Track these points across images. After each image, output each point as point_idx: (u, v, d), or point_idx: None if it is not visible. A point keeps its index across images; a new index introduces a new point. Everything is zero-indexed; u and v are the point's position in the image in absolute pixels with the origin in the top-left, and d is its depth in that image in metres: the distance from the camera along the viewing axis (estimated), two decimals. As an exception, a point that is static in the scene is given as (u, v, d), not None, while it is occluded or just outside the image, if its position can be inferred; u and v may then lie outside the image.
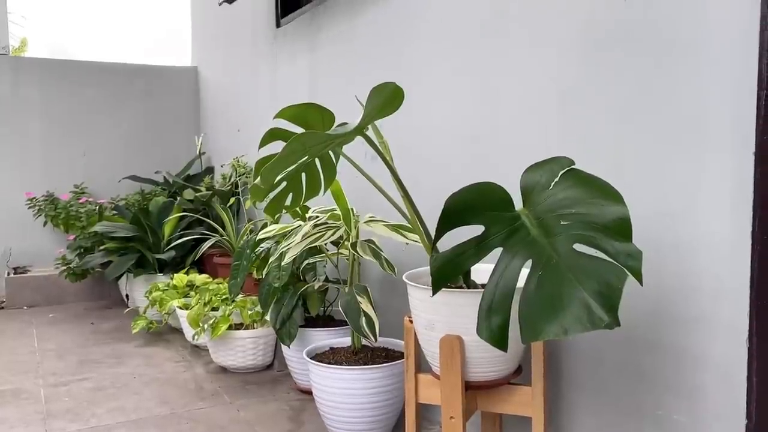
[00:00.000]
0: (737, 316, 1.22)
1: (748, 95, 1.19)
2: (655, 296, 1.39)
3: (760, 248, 1.17)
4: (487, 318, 1.17)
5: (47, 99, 4.51)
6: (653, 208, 1.39)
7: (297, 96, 3.09)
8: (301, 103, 1.51)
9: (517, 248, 1.19)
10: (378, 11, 2.41)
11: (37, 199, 4.37)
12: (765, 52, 1.16)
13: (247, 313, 2.68)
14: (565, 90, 1.61)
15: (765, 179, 1.16)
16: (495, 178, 1.39)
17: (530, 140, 1.72)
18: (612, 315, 1.00)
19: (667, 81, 1.35)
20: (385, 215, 2.16)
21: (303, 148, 1.31)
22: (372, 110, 1.34)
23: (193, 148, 4.69)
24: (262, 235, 2.42)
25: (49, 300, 4.20)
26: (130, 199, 4.40)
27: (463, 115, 1.98)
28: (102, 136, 4.66)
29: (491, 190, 1.29)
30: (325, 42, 2.84)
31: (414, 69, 2.21)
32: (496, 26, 1.82)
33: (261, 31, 3.57)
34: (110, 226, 3.79)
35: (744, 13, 1.20)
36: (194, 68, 5.00)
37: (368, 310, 1.95)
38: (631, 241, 1.09)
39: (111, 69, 4.71)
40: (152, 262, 3.70)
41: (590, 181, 1.20)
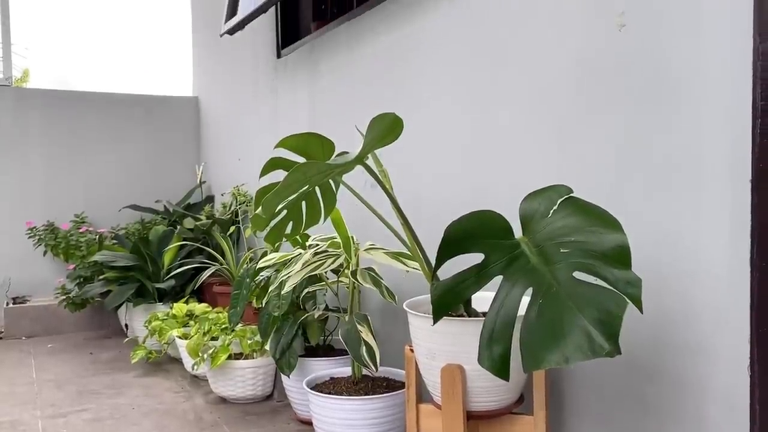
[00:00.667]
0: (738, 344, 1.22)
1: (744, 123, 1.21)
2: (656, 324, 1.39)
3: (759, 275, 1.18)
4: (488, 347, 1.17)
5: (49, 129, 4.55)
6: (652, 235, 1.39)
7: (297, 125, 3.11)
8: (302, 133, 1.52)
9: (518, 276, 1.19)
10: (376, 44, 2.45)
11: (37, 229, 4.37)
12: (758, 81, 1.18)
13: (247, 342, 2.67)
14: (562, 119, 1.62)
15: (762, 206, 1.17)
16: (494, 205, 1.40)
17: (528, 168, 1.73)
18: (613, 343, 0.99)
19: (664, 109, 1.37)
20: (385, 243, 2.16)
21: (304, 177, 1.32)
22: (372, 140, 1.35)
23: (194, 177, 4.71)
24: (261, 264, 2.42)
25: (48, 330, 4.18)
26: (130, 228, 4.41)
27: (462, 144, 2.00)
28: (103, 165, 4.68)
29: (491, 218, 1.29)
30: (325, 72, 2.87)
31: (413, 99, 2.23)
32: (494, 57, 1.85)
33: (262, 61, 3.61)
34: (110, 256, 3.79)
35: (737, 42, 1.22)
36: (195, 98, 5.05)
37: (369, 339, 1.94)
38: (630, 269, 1.09)
39: (112, 99, 4.76)
40: (152, 291, 3.69)
41: (589, 209, 1.20)
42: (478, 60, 1.92)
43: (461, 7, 1.98)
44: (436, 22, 2.10)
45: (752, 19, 1.19)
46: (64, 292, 3.96)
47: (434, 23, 2.11)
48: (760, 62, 1.17)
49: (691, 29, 1.31)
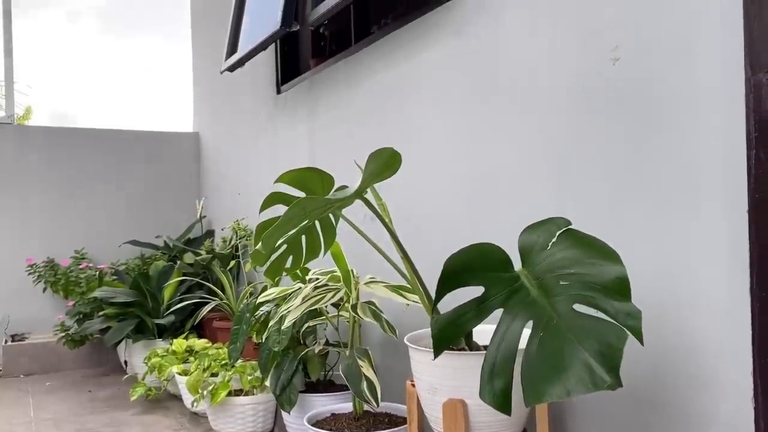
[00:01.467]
0: (741, 375, 1.21)
1: (738, 154, 1.22)
2: (658, 355, 1.38)
3: (760, 305, 1.17)
4: (489, 381, 1.16)
5: (50, 165, 4.58)
6: (651, 267, 1.39)
7: (297, 160, 3.14)
8: (301, 168, 1.54)
9: (518, 309, 1.19)
10: (374, 80, 2.48)
11: (37, 265, 4.37)
12: (751, 112, 1.19)
13: (247, 378, 2.64)
14: (558, 151, 1.64)
15: (760, 236, 1.18)
16: (493, 238, 1.40)
17: (526, 200, 1.74)
18: (614, 375, 0.99)
19: (659, 141, 1.38)
20: (385, 276, 2.16)
21: (303, 212, 1.33)
22: (370, 174, 1.37)
23: (194, 212, 4.72)
24: (261, 299, 2.41)
25: (47, 368, 4.15)
26: (130, 264, 4.40)
27: (460, 177, 2.01)
28: (103, 201, 4.70)
29: (490, 250, 1.30)
30: (324, 107, 2.91)
31: (411, 133, 2.26)
32: (490, 90, 1.87)
33: (262, 97, 3.66)
34: (110, 292, 3.78)
35: (730, 75, 1.24)
36: (195, 134, 5.09)
37: (369, 375, 1.93)
38: (630, 301, 1.09)
39: (113, 135, 4.80)
40: (151, 327, 3.67)
41: (587, 241, 1.21)
42: (475, 94, 1.94)
43: (458, 44, 2.01)
44: (433, 58, 2.13)
45: (743, 52, 1.21)
46: (63, 329, 3.94)
47: (431, 60, 2.14)
48: (753, 94, 1.19)
49: (684, 62, 1.33)
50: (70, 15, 28.92)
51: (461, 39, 2.00)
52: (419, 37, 2.21)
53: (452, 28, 2.04)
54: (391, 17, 2.70)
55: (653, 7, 1.39)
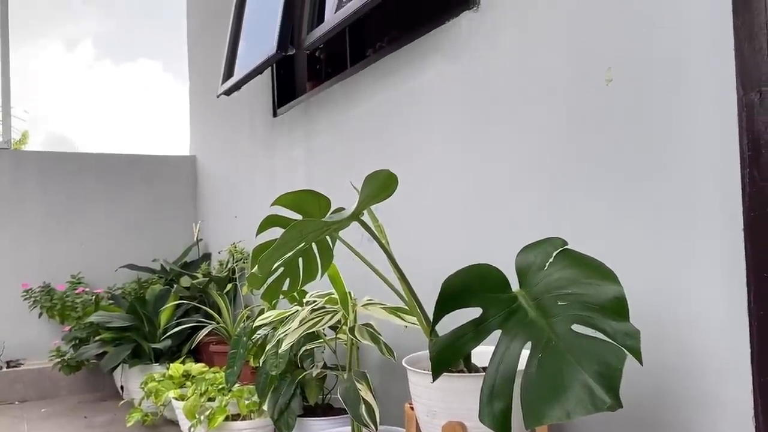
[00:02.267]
0: (741, 394, 1.21)
1: (733, 173, 1.22)
2: (657, 375, 1.37)
3: (758, 324, 1.17)
4: (489, 403, 1.15)
5: (46, 190, 4.57)
6: (649, 286, 1.39)
7: (294, 182, 3.14)
8: (298, 190, 1.54)
9: (516, 330, 1.19)
10: (370, 101, 2.50)
11: (33, 290, 4.34)
12: (744, 131, 1.20)
13: (244, 403, 2.62)
14: (554, 171, 1.64)
15: (756, 254, 1.18)
16: (490, 257, 1.40)
17: (523, 220, 1.75)
18: (613, 396, 0.98)
19: (653, 160, 1.39)
20: (383, 297, 2.15)
21: (300, 235, 1.33)
22: (367, 197, 1.37)
23: (191, 235, 4.71)
24: (258, 322, 2.40)
25: (42, 394, 4.10)
26: (126, 288, 4.38)
27: (457, 197, 2.01)
28: (100, 225, 4.69)
29: (487, 271, 1.29)
30: (320, 130, 2.92)
31: (408, 155, 2.26)
32: (486, 112, 1.89)
33: (258, 120, 3.67)
34: (106, 316, 3.75)
35: (723, 95, 1.25)
36: (192, 157, 5.10)
37: (368, 398, 1.91)
38: (628, 321, 1.09)
39: (109, 159, 4.80)
40: (148, 351, 3.65)
41: (584, 261, 1.21)
42: (470, 115, 1.95)
43: (453, 66, 2.03)
44: (429, 80, 2.15)
45: (735, 72, 1.22)
46: (58, 355, 3.90)
47: (427, 81, 2.16)
48: (745, 113, 1.20)
49: (677, 82, 1.34)
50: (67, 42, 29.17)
51: (456, 61, 2.01)
52: (414, 60, 2.23)
53: (447, 51, 2.06)
54: (387, 40, 2.73)
55: (646, 28, 1.41)
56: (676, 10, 1.34)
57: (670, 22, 1.35)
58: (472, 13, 1.94)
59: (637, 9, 1.43)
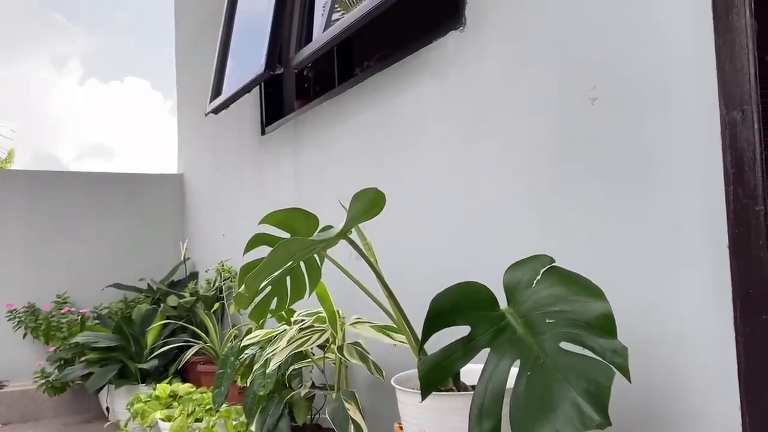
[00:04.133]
0: (729, 411, 1.21)
1: (717, 190, 1.24)
2: (646, 392, 1.37)
3: (745, 340, 1.18)
4: (478, 422, 1.14)
5: (32, 209, 4.53)
6: (635, 303, 1.40)
7: (282, 200, 3.14)
8: (286, 209, 1.54)
9: (505, 348, 1.19)
10: (358, 119, 2.51)
11: (17, 311, 4.28)
12: (727, 149, 1.22)
13: (232, 423, 2.59)
14: (541, 188, 1.65)
15: (742, 271, 1.19)
16: (478, 275, 1.40)
17: (511, 238, 1.75)
18: (602, 414, 0.98)
19: (639, 177, 1.40)
20: (371, 316, 2.14)
21: (288, 253, 1.32)
22: (354, 215, 1.37)
23: (178, 254, 4.68)
24: (246, 341, 2.38)
25: (26, 416, 4.03)
26: (113, 308, 4.34)
27: (444, 213, 2.02)
28: (86, 244, 4.65)
29: (475, 289, 1.29)
30: (308, 147, 2.92)
31: (396, 172, 2.27)
32: (473, 129, 1.90)
33: (246, 138, 3.67)
34: (92, 336, 3.71)
35: (706, 113, 1.26)
36: (180, 175, 5.08)
37: (357, 417, 1.90)
38: (615, 338, 1.09)
39: (96, 178, 4.78)
40: (134, 372, 3.60)
41: (571, 279, 1.21)
42: (458, 133, 1.97)
43: (440, 83, 2.04)
44: (416, 99, 2.16)
45: (717, 91, 1.24)
46: (43, 376, 3.85)
47: (414, 98, 2.17)
48: (728, 131, 1.22)
49: (661, 101, 1.36)
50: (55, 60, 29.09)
51: (443, 80, 2.03)
52: (402, 78, 2.24)
53: (434, 70, 2.07)
54: (375, 59, 2.75)
55: (629, 47, 1.43)
56: (659, 30, 1.36)
57: (654, 42, 1.37)
58: (458, 32, 1.96)
59: (620, 29, 1.45)
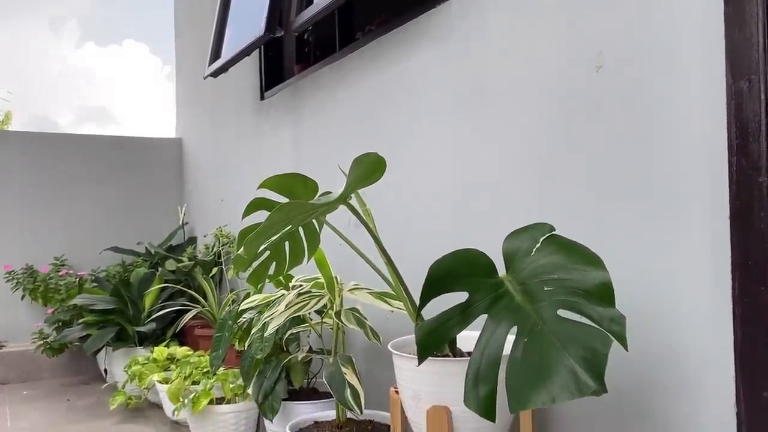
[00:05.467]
0: (724, 381, 1.22)
1: (720, 161, 1.23)
2: (642, 362, 1.38)
3: (741, 311, 1.18)
4: (474, 387, 1.15)
5: (29, 171, 4.51)
6: (634, 273, 1.40)
7: (281, 166, 3.12)
8: (285, 173, 1.52)
9: (502, 315, 1.19)
10: (359, 85, 2.48)
11: (15, 272, 4.30)
12: (732, 119, 1.21)
13: (229, 386, 2.61)
14: (542, 157, 1.64)
15: (741, 243, 1.19)
16: (478, 242, 1.40)
17: (511, 206, 1.74)
18: (598, 381, 0.99)
19: (642, 148, 1.39)
20: (369, 282, 2.15)
21: (286, 217, 1.32)
22: (354, 180, 1.36)
23: (176, 219, 4.68)
24: (244, 306, 2.39)
25: (24, 376, 4.07)
26: (110, 271, 4.35)
27: (444, 182, 2.01)
28: (84, 207, 4.64)
29: (474, 256, 1.29)
30: (308, 113, 2.90)
31: (395, 139, 2.25)
32: (475, 96, 1.88)
33: (245, 103, 3.64)
34: (90, 299, 3.72)
35: (712, 83, 1.25)
36: (178, 139, 5.05)
37: (353, 382, 1.91)
38: (614, 306, 1.09)
39: (94, 141, 4.75)
40: (132, 334, 3.63)
41: (571, 247, 1.21)
42: (459, 100, 1.94)
43: (442, 50, 2.01)
44: (418, 64, 2.13)
45: (724, 60, 1.22)
46: (41, 337, 3.87)
47: (416, 64, 2.14)
48: (734, 101, 1.20)
49: (667, 69, 1.34)
50: (52, 22, 28.72)
51: (445, 45, 2.00)
52: (404, 44, 2.21)
53: (436, 35, 2.04)
54: (376, 23, 2.71)
55: (636, 14, 1.40)
56: (667, -3, 1.34)
57: (661, 9, 1.35)
58: (462, -3, 1.92)
59: (628, -5, 1.43)
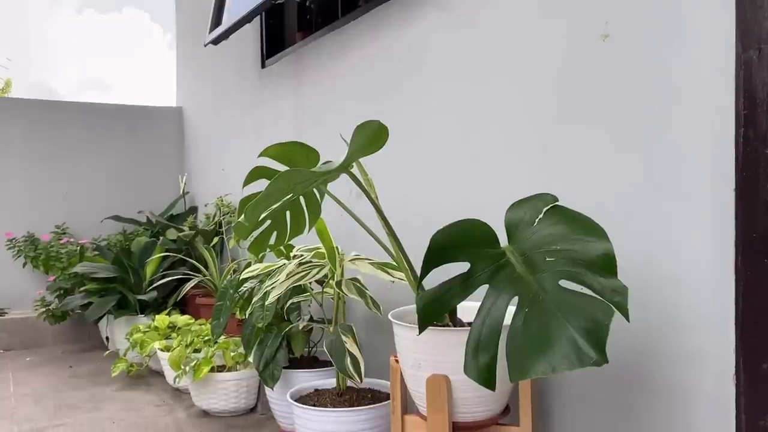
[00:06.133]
0: (724, 353, 1.22)
1: (727, 132, 1.21)
2: (642, 333, 1.38)
3: (744, 283, 1.18)
4: (474, 356, 1.15)
5: (30, 139, 4.49)
6: (636, 244, 1.39)
7: (282, 135, 3.10)
8: (286, 142, 1.51)
9: (504, 285, 1.18)
10: (361, 53, 2.45)
11: (17, 240, 4.30)
12: (741, 90, 1.19)
13: (230, 354, 2.63)
14: (546, 128, 1.62)
15: (746, 215, 1.18)
16: (479, 214, 1.39)
17: (513, 177, 1.73)
18: (599, 352, 0.99)
19: (647, 118, 1.37)
20: (370, 253, 2.14)
21: (288, 185, 1.31)
22: (356, 148, 1.34)
23: (177, 188, 4.67)
24: (245, 275, 2.39)
25: (26, 343, 4.11)
26: (112, 240, 4.35)
27: (447, 153, 1.99)
28: (85, 176, 4.63)
29: (476, 226, 1.28)
30: (310, 82, 2.87)
31: (398, 108, 2.23)
32: (479, 66, 1.85)
33: (246, 71, 3.60)
34: (91, 267, 3.73)
35: (720, 52, 1.23)
36: (179, 108, 5.02)
37: (353, 350, 1.92)
38: (616, 277, 1.09)
39: (95, 109, 4.71)
40: (133, 303, 3.64)
41: (574, 218, 1.20)
42: (462, 69, 1.92)
43: (447, 17, 1.98)
44: (422, 31, 2.10)
45: (734, 29, 1.20)
46: (43, 304, 3.90)
47: (419, 33, 2.11)
48: (743, 71, 1.18)
49: (674, 39, 1.31)
50: (51, -13, 28.38)
51: (449, 13, 1.97)
52: (406, 11, 2.17)
53: (439, 2, 2.00)
54: (379, -9, 2.66)
55: (645, -18, 1.37)
56: (677, -37, 1.31)
57: (671, -24, 1.32)
58: (468, -37, 1.88)
59: (637, -39, 1.39)
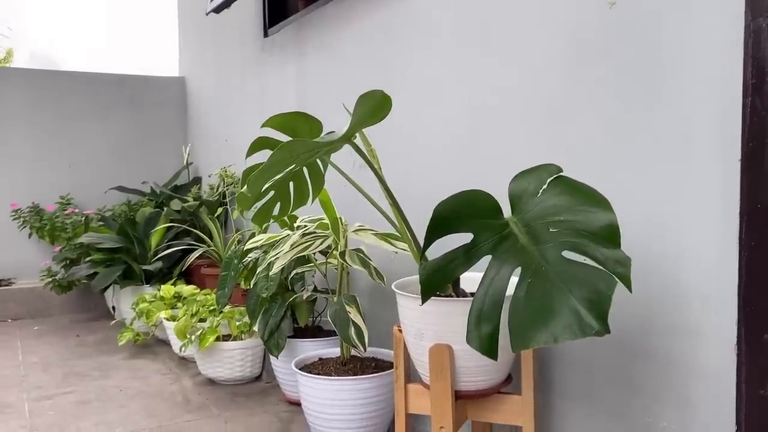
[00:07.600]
0: (725, 324, 1.22)
1: (734, 101, 1.20)
2: (644, 304, 1.39)
3: (748, 255, 1.17)
4: (476, 326, 1.16)
5: (33, 109, 4.48)
6: (640, 216, 1.39)
7: (285, 105, 3.08)
8: (289, 112, 1.50)
9: (506, 256, 1.19)
10: (364, 22, 2.42)
11: (22, 210, 4.32)
12: (749, 59, 1.17)
13: (235, 324, 2.66)
14: (551, 99, 1.61)
15: (751, 186, 1.17)
16: (483, 185, 1.39)
17: (517, 148, 1.72)
18: (601, 322, 0.99)
19: (653, 89, 1.36)
20: (374, 224, 2.15)
21: (290, 155, 1.30)
22: (359, 118, 1.33)
23: (181, 159, 4.66)
24: (249, 245, 2.40)
25: (34, 313, 4.15)
26: (116, 210, 4.37)
27: (450, 124, 1.98)
28: (88, 146, 4.62)
29: (480, 197, 1.28)
30: (312, 51, 2.84)
31: (401, 78, 2.21)
32: (482, 35, 1.83)
33: (248, 40, 3.57)
34: (96, 237, 3.75)
35: (728, 20, 1.21)
36: (181, 78, 4.98)
37: (357, 320, 1.94)
38: (619, 248, 1.09)
39: (97, 79, 4.69)
40: (139, 273, 3.67)
41: (578, 188, 1.19)
42: (466, 38, 1.89)
43: (451, -15, 1.95)
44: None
45: (744, -4, 1.17)
46: (50, 275, 3.93)
47: (424, 1, 2.08)
48: (752, 39, 1.16)
49: (682, 6, 1.29)
50: (50, -47, 27.92)
51: (455, -19, 1.93)
52: (411, -21, 2.14)
53: (446, -31, 1.97)
54: (383, -42, 2.61)
55: (654, -52, 1.35)
56: (687, -71, 1.28)
57: (681, -58, 1.29)
58: (473, -72, 1.85)
59: (646, -74, 1.36)
